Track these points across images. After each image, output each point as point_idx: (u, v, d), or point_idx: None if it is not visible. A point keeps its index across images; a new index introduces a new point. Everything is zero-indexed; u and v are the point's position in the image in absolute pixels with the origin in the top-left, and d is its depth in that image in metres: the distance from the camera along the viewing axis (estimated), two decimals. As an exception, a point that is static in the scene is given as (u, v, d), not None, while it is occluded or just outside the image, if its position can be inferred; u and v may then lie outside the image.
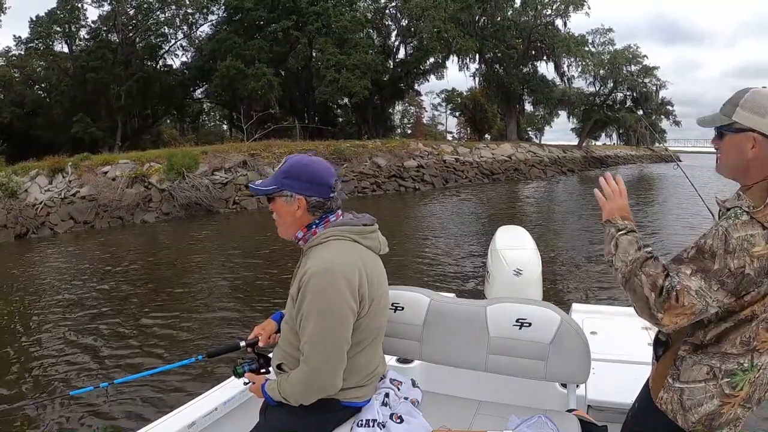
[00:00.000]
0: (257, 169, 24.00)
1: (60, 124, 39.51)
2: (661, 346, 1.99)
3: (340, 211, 2.25)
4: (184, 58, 47.37)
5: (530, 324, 2.56)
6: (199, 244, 15.60)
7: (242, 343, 2.43)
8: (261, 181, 2.27)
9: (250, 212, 21.81)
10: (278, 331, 2.44)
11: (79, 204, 19.42)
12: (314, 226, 2.20)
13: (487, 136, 60.92)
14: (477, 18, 44.87)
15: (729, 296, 1.67)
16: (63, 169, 21.36)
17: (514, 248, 4.50)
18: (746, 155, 1.80)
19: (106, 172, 21.25)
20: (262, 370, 2.38)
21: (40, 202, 19.19)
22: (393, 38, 46.88)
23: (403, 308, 2.75)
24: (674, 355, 1.91)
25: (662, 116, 52.98)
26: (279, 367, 2.24)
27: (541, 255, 4.56)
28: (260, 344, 2.42)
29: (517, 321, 2.58)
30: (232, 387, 2.87)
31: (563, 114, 54.75)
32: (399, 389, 2.39)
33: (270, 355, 2.42)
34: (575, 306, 4.12)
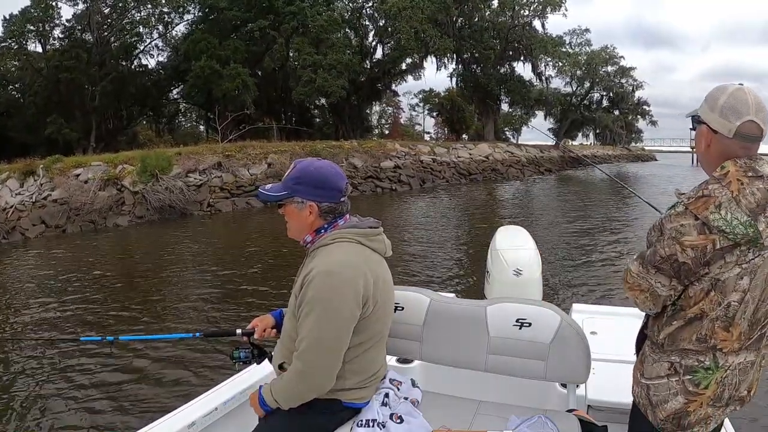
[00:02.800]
0: (232, 170, 23.85)
1: (34, 125, 38.88)
2: (641, 341, 2.07)
3: (348, 215, 2.28)
4: (160, 58, 46.95)
5: (530, 324, 2.57)
6: (174, 248, 15.41)
7: (239, 331, 2.52)
8: (270, 185, 2.27)
9: (225, 214, 21.64)
10: (274, 326, 2.51)
11: (50, 208, 19.10)
12: (323, 231, 2.22)
13: (464, 136, 60.90)
14: (454, 18, 44.92)
15: (674, 281, 1.80)
16: (34, 172, 21.02)
17: (514, 248, 4.52)
18: (701, 147, 1.87)
19: (78, 175, 20.91)
20: (254, 362, 2.51)
21: (11, 206, 18.86)
22: (370, 38, 46.90)
23: (403, 308, 2.75)
24: (643, 351, 2.00)
25: (638, 116, 53.58)
26: (281, 367, 2.23)
27: (540, 255, 4.61)
28: (255, 336, 2.49)
29: (517, 321, 2.59)
30: (232, 387, 2.87)
31: (540, 114, 55.06)
32: (399, 389, 2.39)
33: (269, 351, 2.49)
34: (575, 306, 4.15)
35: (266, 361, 2.52)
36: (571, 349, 2.52)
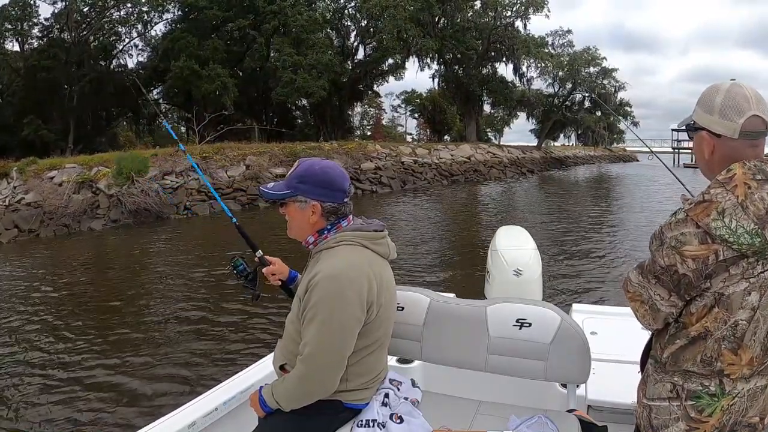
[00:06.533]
0: (209, 172, 23.62)
1: (11, 126, 38.47)
2: (645, 359, 1.97)
3: (351, 216, 2.26)
4: (139, 58, 46.64)
5: (530, 324, 2.57)
6: (150, 253, 15.18)
7: (259, 252, 2.66)
8: (273, 183, 2.26)
9: (202, 218, 21.38)
10: (282, 282, 2.60)
11: (23, 211, 18.79)
12: (326, 232, 2.21)
13: (446, 137, 61.29)
14: (437, 19, 45.03)
15: (673, 295, 1.67)
16: (8, 174, 20.76)
17: (515, 248, 4.49)
18: (704, 155, 1.73)
19: (52, 177, 20.64)
20: (242, 281, 2.60)
21: (-16, 210, 18.58)
22: (352, 39, 46.96)
23: (403, 308, 2.73)
24: (646, 371, 1.90)
25: (620, 117, 53.92)
26: (282, 368, 2.22)
27: (541, 255, 4.60)
28: (265, 269, 2.58)
29: (517, 321, 2.59)
30: (232, 387, 2.88)
31: (522, 115, 55.41)
32: (399, 389, 2.39)
33: (259, 292, 2.62)
34: (575, 306, 4.17)
35: (266, 360, 2.58)
36: (571, 349, 2.52)
